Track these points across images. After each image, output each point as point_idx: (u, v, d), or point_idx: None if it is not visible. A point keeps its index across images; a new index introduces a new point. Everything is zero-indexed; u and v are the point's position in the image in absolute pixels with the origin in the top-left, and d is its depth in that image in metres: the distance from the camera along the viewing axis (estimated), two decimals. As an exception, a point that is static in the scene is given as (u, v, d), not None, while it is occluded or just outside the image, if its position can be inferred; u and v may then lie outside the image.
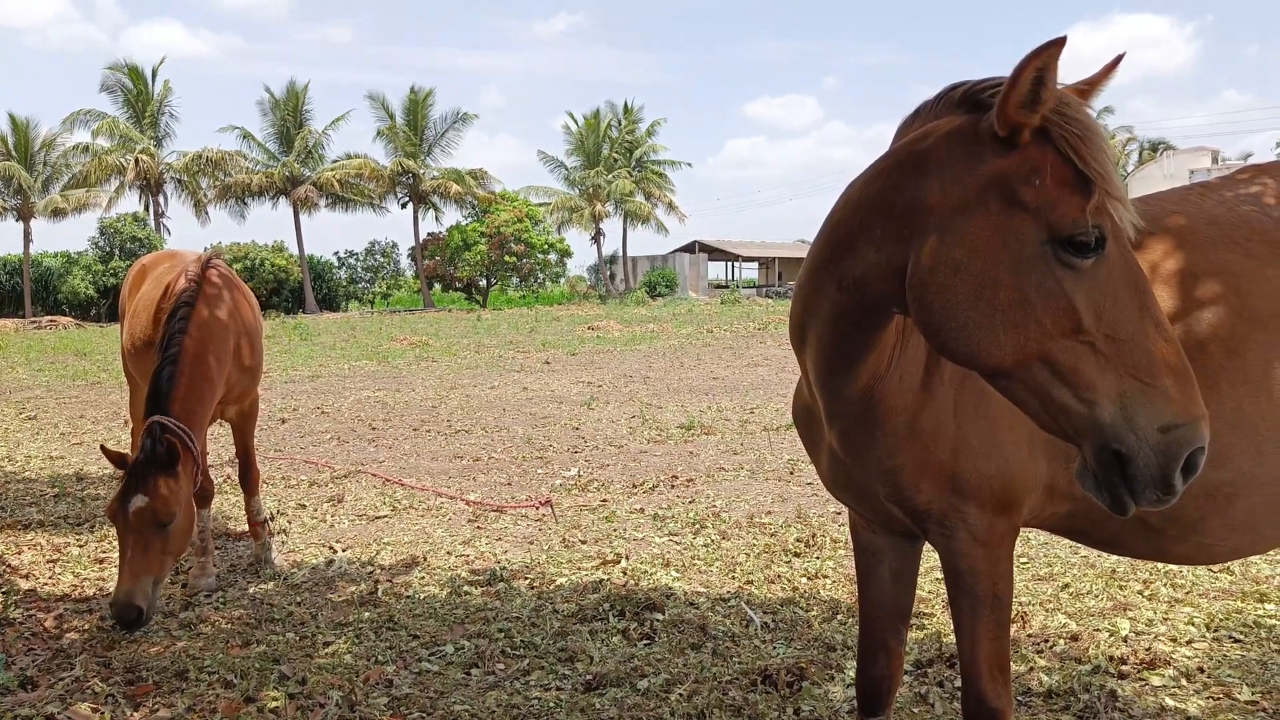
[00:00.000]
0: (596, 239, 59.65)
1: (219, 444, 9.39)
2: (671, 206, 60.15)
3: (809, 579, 5.11)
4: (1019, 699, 3.58)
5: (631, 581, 5.12)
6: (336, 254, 62.84)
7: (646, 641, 4.26)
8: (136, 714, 3.64)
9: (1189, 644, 4.08)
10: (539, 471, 8.29)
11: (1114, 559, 5.16)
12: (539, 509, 6.81)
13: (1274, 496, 2.33)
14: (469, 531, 6.35)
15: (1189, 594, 4.68)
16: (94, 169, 46.36)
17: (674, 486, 7.52)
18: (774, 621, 4.48)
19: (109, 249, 46.42)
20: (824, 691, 3.69)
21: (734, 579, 5.16)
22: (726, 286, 61.02)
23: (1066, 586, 4.85)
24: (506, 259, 52.56)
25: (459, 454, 9.18)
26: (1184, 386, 1.73)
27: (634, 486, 7.56)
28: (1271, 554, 5.05)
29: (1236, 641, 4.11)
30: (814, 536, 5.84)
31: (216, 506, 6.49)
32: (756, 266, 74.37)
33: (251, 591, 5.14)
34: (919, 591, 4.25)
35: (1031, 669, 3.85)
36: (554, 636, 4.34)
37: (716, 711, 3.54)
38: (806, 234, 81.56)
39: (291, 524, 6.58)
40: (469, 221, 53.86)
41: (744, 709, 3.57)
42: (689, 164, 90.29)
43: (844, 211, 2.06)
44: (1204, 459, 1.75)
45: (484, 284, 54.98)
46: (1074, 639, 4.16)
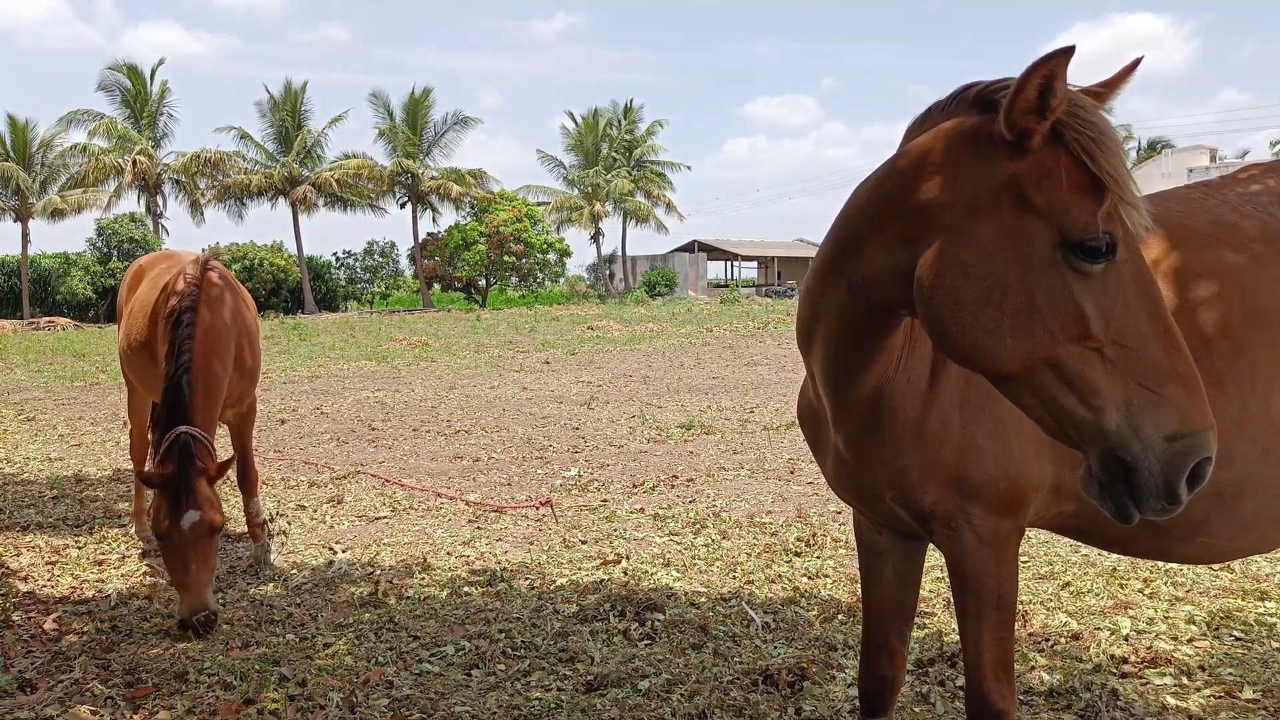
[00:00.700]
0: (596, 238, 59.65)
1: (217, 445, 9.37)
2: (670, 206, 60.14)
3: (810, 578, 5.10)
4: (1021, 698, 3.57)
5: (632, 581, 5.11)
6: (335, 254, 63.00)
7: (647, 641, 4.26)
8: (136, 716, 3.63)
9: (1190, 642, 4.08)
10: (539, 472, 8.28)
11: (1114, 557, 5.16)
12: (539, 509, 6.81)
13: (1279, 496, 2.32)
14: (469, 532, 6.34)
15: (1190, 592, 4.67)
16: (92, 169, 46.30)
17: (674, 486, 7.52)
18: (775, 621, 4.47)
19: (107, 250, 46.37)
20: (825, 691, 3.68)
21: (735, 579, 5.15)
22: (726, 286, 61.00)
23: (1067, 585, 4.84)
24: (506, 259, 52.54)
25: (459, 454, 9.17)
26: (1192, 395, 1.71)
27: (634, 486, 7.55)
28: (1273, 552, 5.05)
29: (1238, 639, 4.10)
30: (815, 536, 5.83)
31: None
32: (756, 266, 74.38)
33: (251, 593, 5.13)
34: (921, 590, 4.24)
35: (1033, 668, 3.85)
36: (555, 637, 4.33)
37: (718, 711, 3.53)
38: (805, 233, 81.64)
39: (291, 525, 6.57)
40: (468, 221, 53.85)
41: (745, 709, 3.56)
42: (688, 166, 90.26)
43: (853, 212, 2.04)
44: (1211, 469, 1.73)
45: (483, 284, 54.96)
46: (1075, 638, 4.16)
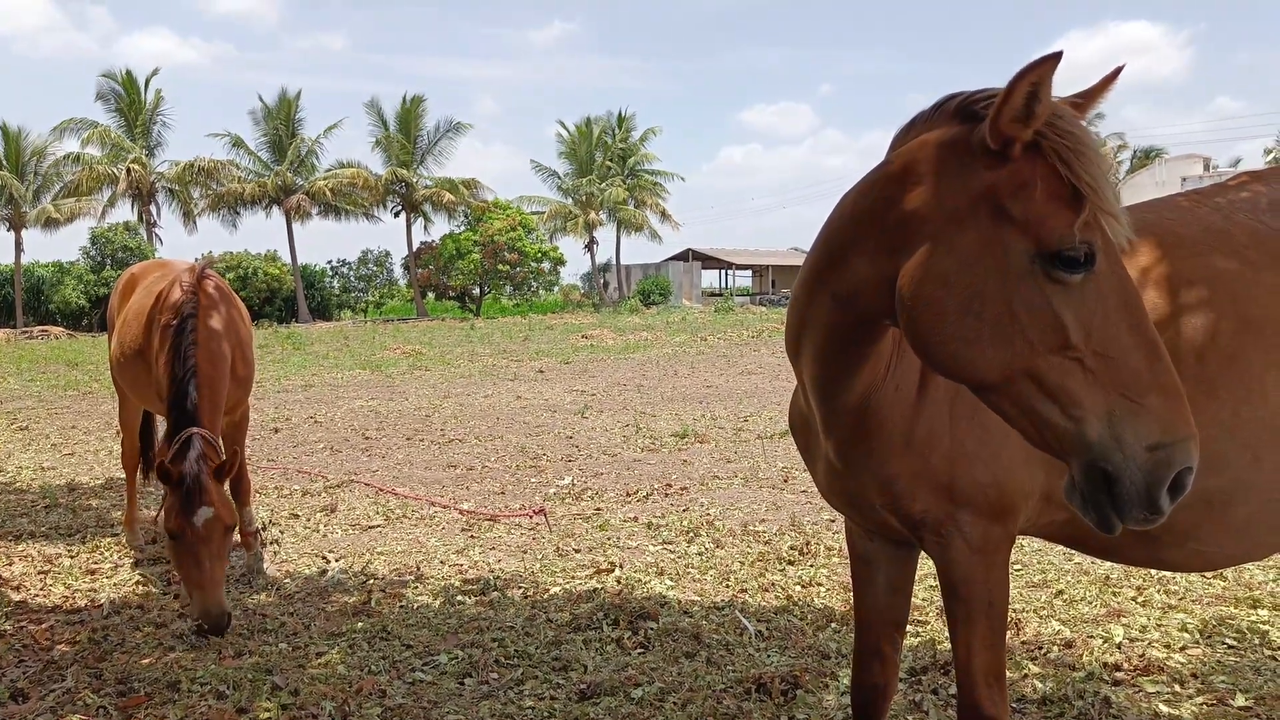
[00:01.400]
0: (590, 247, 59.71)
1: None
2: (665, 214, 60.22)
3: (803, 587, 5.10)
4: (1014, 706, 3.57)
5: (625, 590, 5.11)
6: (329, 263, 62.75)
7: (641, 650, 4.25)
8: (128, 726, 3.61)
9: (1183, 650, 4.09)
10: (533, 480, 8.28)
11: (1107, 565, 5.17)
12: (533, 518, 6.80)
13: (1271, 503, 2.33)
14: (462, 541, 6.33)
15: (1182, 600, 4.69)
16: (85, 178, 46.20)
17: (668, 495, 7.52)
18: (768, 630, 4.47)
19: (101, 259, 46.33)
20: (818, 700, 3.68)
21: (728, 587, 5.15)
22: (720, 295, 61.10)
23: (1060, 593, 4.85)
24: (500, 267, 52.57)
25: (452, 463, 9.16)
26: (1173, 405, 1.72)
27: (628, 495, 7.55)
28: (1265, 560, 5.06)
29: (1230, 647, 4.11)
30: (808, 544, 5.83)
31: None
32: (750, 274, 74.51)
33: (244, 602, 5.11)
34: (913, 599, 4.25)
35: (1026, 676, 3.85)
36: (548, 646, 4.33)
37: (711, 720, 3.53)
38: (800, 242, 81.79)
39: (284, 534, 6.55)
40: (462, 230, 53.87)
41: (738, 717, 3.56)
42: (682, 177, 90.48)
43: (837, 223, 2.06)
44: (1192, 479, 1.73)
45: (477, 293, 54.96)
46: (1068, 645, 4.16)
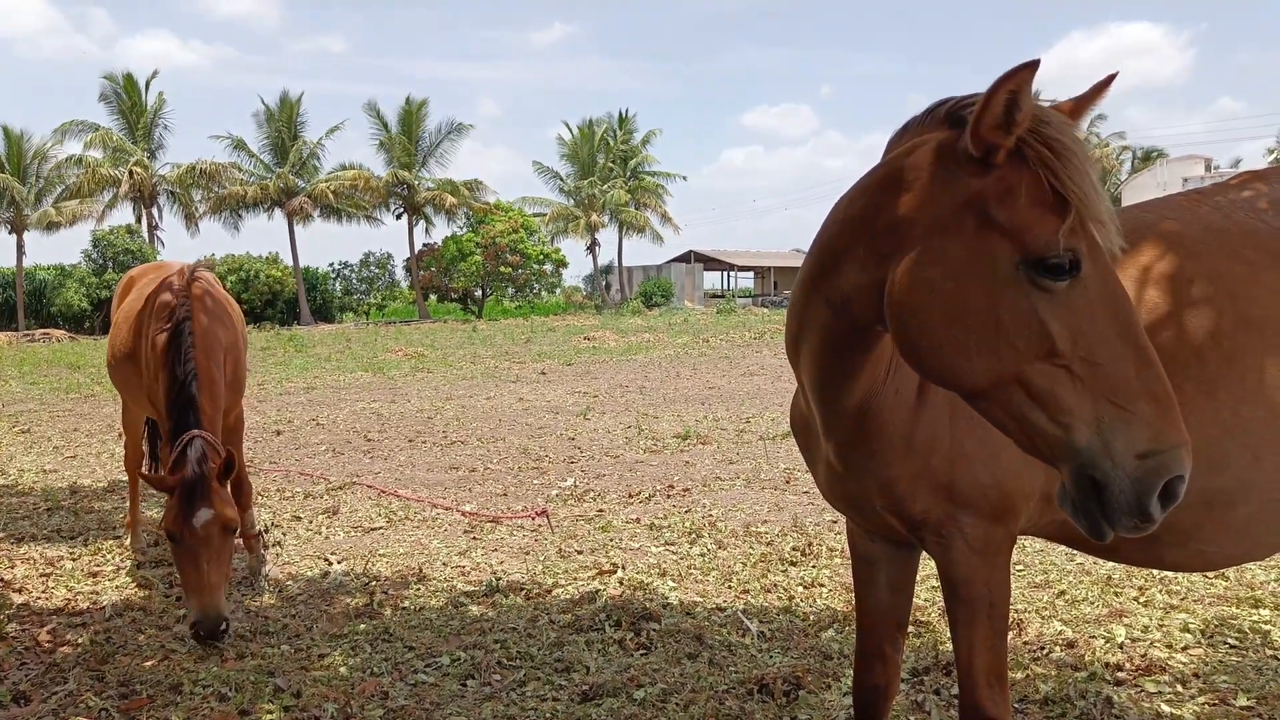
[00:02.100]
0: (592, 249, 59.73)
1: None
2: (666, 216, 60.26)
3: (805, 588, 5.10)
4: (1016, 706, 3.57)
5: (628, 591, 5.11)
6: (331, 265, 62.73)
7: (643, 651, 4.26)
8: (131, 728, 3.62)
9: (1184, 650, 4.09)
10: (535, 482, 8.28)
11: (1109, 566, 5.17)
12: (535, 519, 6.80)
13: (1272, 502, 2.33)
14: (465, 543, 6.34)
15: (1184, 600, 4.68)
16: (87, 181, 46.23)
17: (670, 496, 7.52)
18: (770, 630, 4.47)
19: (102, 261, 46.33)
20: (820, 700, 3.69)
21: (730, 588, 5.15)
22: (722, 296, 61.10)
23: (1062, 593, 4.85)
24: (502, 269, 52.58)
25: (455, 465, 9.16)
26: (1164, 412, 1.71)
27: (630, 496, 7.55)
28: (1266, 560, 5.06)
29: (1232, 647, 4.11)
30: (810, 545, 5.83)
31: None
32: (752, 276, 74.55)
33: (246, 604, 5.12)
34: (915, 599, 4.25)
35: (1028, 676, 3.85)
36: (550, 647, 4.33)
37: (713, 721, 3.53)
38: (801, 243, 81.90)
39: (287, 536, 6.56)
40: (464, 232, 53.88)
41: (741, 718, 3.56)
42: (684, 177, 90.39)
43: (830, 230, 2.07)
44: (1185, 487, 1.72)
45: (479, 295, 54.97)
46: (1070, 646, 4.16)
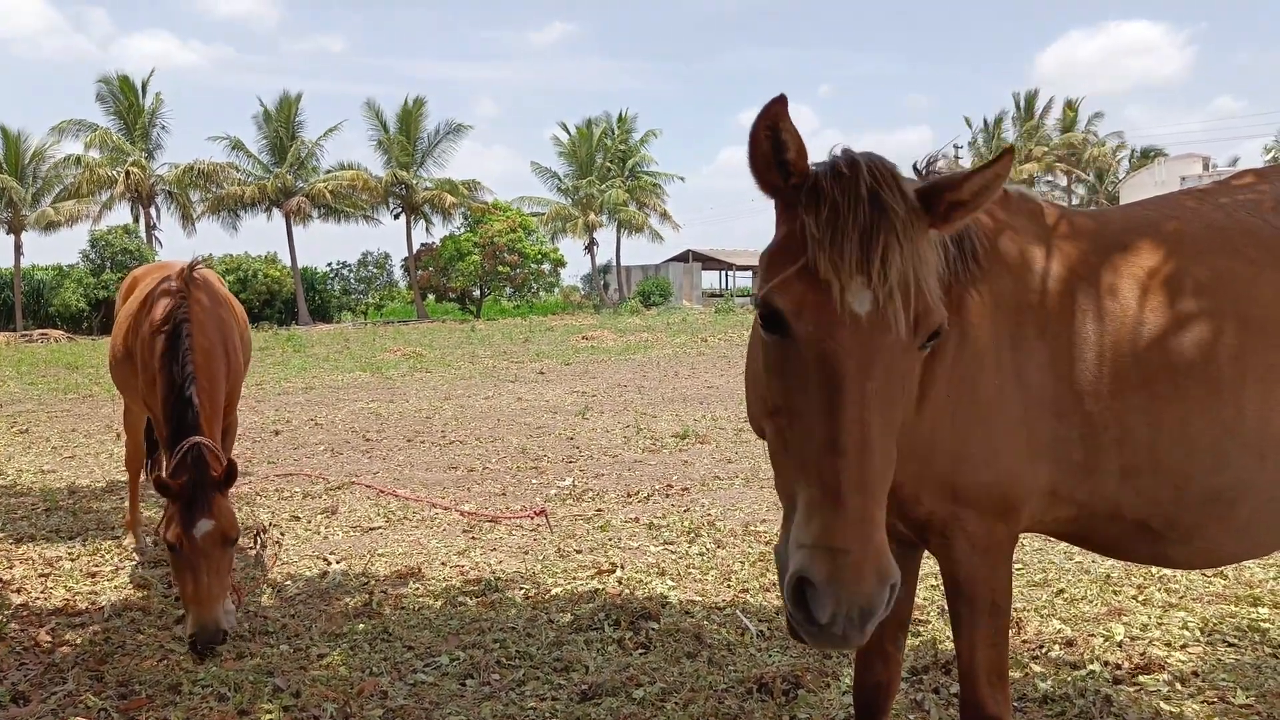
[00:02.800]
0: (590, 248, 59.70)
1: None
2: (665, 216, 60.23)
3: (804, 587, 5.10)
4: (1015, 704, 3.58)
5: (627, 591, 5.11)
6: (330, 265, 62.64)
7: (642, 650, 4.26)
8: (130, 728, 3.61)
9: (1183, 648, 4.09)
10: (534, 482, 8.28)
11: (1108, 564, 5.17)
12: (534, 519, 6.80)
13: (1273, 501, 2.33)
14: (464, 542, 6.33)
15: (1183, 599, 4.69)
16: (85, 181, 46.17)
17: (669, 495, 7.52)
18: (769, 629, 4.47)
19: (100, 261, 46.27)
20: (820, 699, 3.69)
21: (729, 587, 5.15)
22: (720, 295, 61.09)
23: (1062, 592, 4.85)
24: (500, 269, 52.55)
25: (453, 465, 9.16)
26: (824, 502, 1.63)
27: (629, 496, 7.55)
28: (1265, 559, 5.06)
29: (1231, 646, 4.11)
30: (809, 544, 5.83)
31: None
32: (750, 275, 74.54)
33: (245, 604, 5.11)
34: (915, 598, 4.25)
35: (1027, 675, 3.85)
36: (549, 646, 4.33)
37: (713, 720, 3.53)
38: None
39: (285, 536, 6.55)
40: (462, 232, 53.86)
41: (740, 717, 3.56)
42: (681, 177, 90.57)
43: None
44: (825, 606, 1.59)
45: (478, 294, 54.94)
46: (1069, 644, 4.16)
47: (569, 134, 59.50)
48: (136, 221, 48.60)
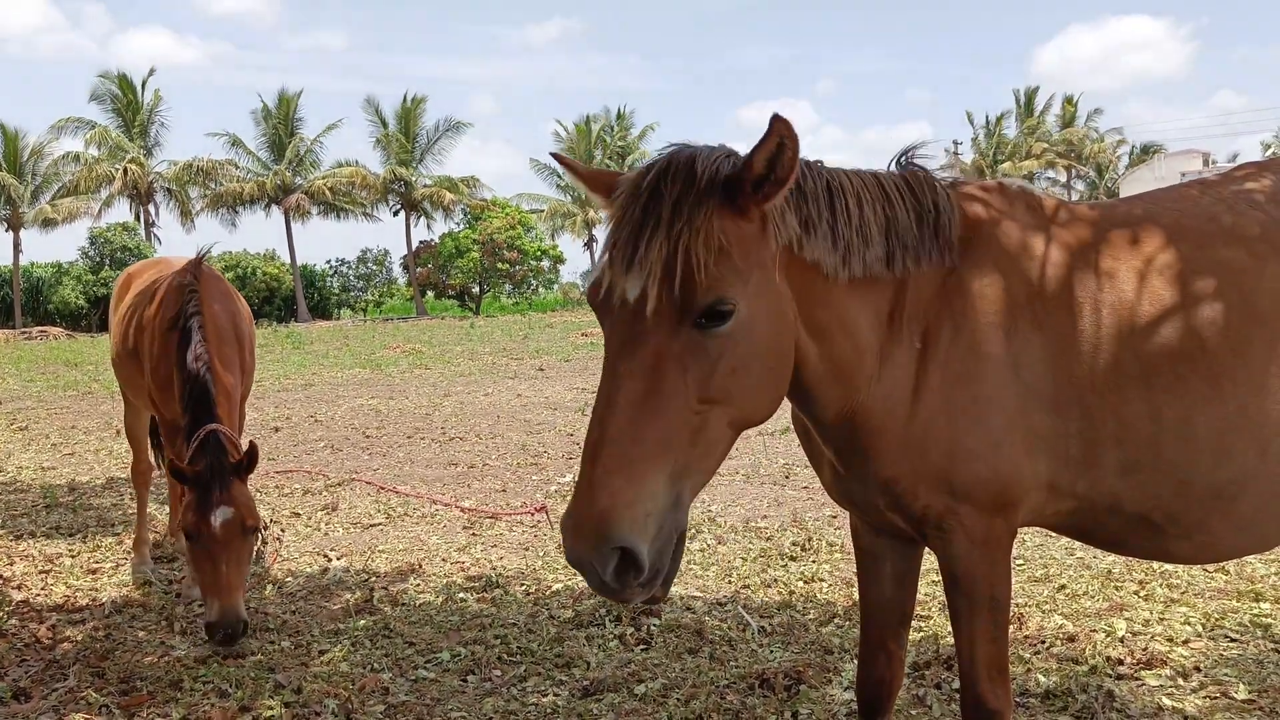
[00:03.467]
0: (589, 245, 59.66)
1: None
2: (664, 212, 60.12)
3: (805, 583, 5.10)
4: (1017, 700, 3.57)
5: (628, 587, 5.10)
6: (329, 262, 62.69)
7: (643, 646, 4.25)
8: (131, 725, 3.61)
9: (1185, 644, 4.09)
10: (534, 478, 8.28)
11: (1110, 559, 5.17)
12: (534, 515, 6.80)
13: (1277, 496, 2.32)
14: (464, 538, 6.33)
15: (1185, 594, 4.68)
16: (84, 178, 46.16)
17: (669, 491, 7.50)
18: (771, 625, 4.47)
19: (99, 259, 46.29)
20: (822, 695, 3.68)
21: (730, 583, 5.15)
22: (719, 292, 60.77)
23: (1063, 588, 4.85)
24: (499, 266, 52.55)
25: (453, 461, 9.16)
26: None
27: (629, 492, 7.53)
28: (1266, 554, 5.06)
29: (1232, 640, 4.11)
30: (810, 540, 5.83)
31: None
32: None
33: (246, 600, 5.10)
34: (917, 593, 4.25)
35: (1029, 670, 3.85)
36: (550, 642, 4.33)
37: (714, 716, 3.53)
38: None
39: (286, 532, 6.55)
40: (461, 229, 53.84)
41: (742, 713, 3.56)
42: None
43: None
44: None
45: (477, 291, 54.94)
46: (1071, 640, 4.16)
47: (567, 131, 59.49)
48: (136, 219, 48.60)
